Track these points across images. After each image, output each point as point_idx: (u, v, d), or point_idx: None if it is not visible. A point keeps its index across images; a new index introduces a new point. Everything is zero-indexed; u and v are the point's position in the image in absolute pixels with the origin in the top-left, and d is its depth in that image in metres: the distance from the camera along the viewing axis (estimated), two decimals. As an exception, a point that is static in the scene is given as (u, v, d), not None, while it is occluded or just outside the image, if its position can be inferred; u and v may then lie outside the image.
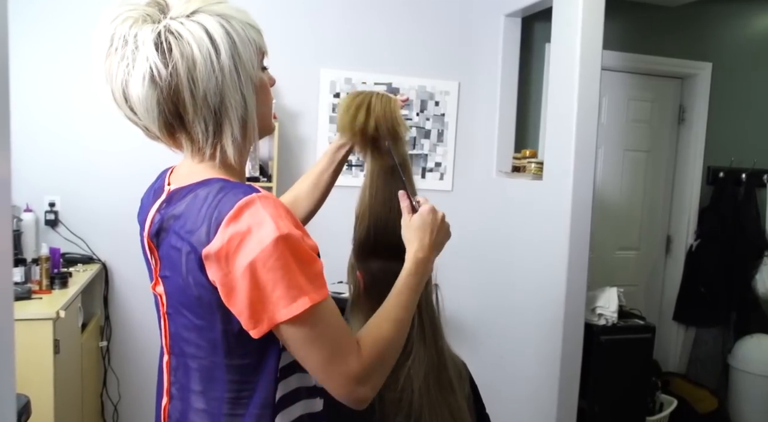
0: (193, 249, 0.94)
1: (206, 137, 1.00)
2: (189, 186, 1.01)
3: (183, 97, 0.96)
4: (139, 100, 0.96)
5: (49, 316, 2.34)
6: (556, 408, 3.02)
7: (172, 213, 0.99)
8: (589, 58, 2.91)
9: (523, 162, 3.52)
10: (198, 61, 0.94)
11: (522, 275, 3.36)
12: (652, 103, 4.25)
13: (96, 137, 3.24)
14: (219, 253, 0.91)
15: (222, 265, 0.91)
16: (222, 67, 0.96)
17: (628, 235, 4.30)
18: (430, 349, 1.33)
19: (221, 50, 0.96)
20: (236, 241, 0.90)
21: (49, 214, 3.16)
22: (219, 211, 0.92)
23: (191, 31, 0.94)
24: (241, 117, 1.00)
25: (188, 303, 1.00)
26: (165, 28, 0.94)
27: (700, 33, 4.22)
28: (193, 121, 0.98)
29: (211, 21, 0.96)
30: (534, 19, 3.81)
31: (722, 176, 4.24)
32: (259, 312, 0.92)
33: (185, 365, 1.06)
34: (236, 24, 0.99)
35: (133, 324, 3.35)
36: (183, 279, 0.97)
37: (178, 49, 0.94)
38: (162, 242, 1.00)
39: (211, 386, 1.03)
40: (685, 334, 4.37)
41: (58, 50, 3.16)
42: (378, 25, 3.63)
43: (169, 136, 1.03)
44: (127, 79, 0.95)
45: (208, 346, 1.01)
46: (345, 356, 0.98)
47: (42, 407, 2.29)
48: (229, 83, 0.97)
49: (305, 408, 1.09)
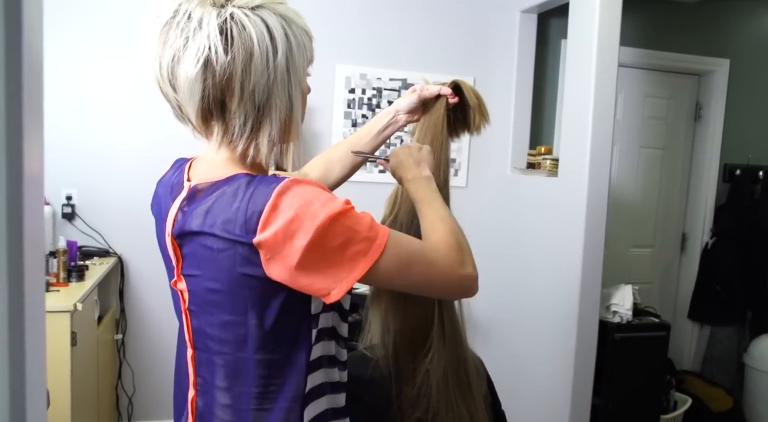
0: (230, 245, 0.94)
1: (243, 131, 0.99)
2: (214, 183, 1.00)
3: (233, 87, 0.95)
4: (186, 79, 0.95)
5: (66, 309, 2.36)
6: (569, 406, 3.01)
7: (200, 212, 0.97)
8: (606, 55, 2.90)
9: (538, 158, 3.51)
10: (255, 55, 0.94)
11: (536, 272, 3.35)
12: (669, 100, 4.22)
13: (113, 131, 3.26)
14: (270, 242, 0.91)
15: (277, 253, 0.92)
16: (276, 67, 0.96)
17: (643, 233, 4.27)
18: (450, 346, 1.33)
19: (279, 50, 0.96)
20: (288, 228, 0.91)
21: (66, 208, 3.18)
22: (255, 204, 0.92)
23: (254, 24, 0.95)
24: (283, 119, 1.01)
25: (219, 301, 1.00)
26: (230, 16, 0.94)
27: (718, 29, 4.19)
28: (234, 112, 0.97)
29: (274, 20, 0.97)
30: (550, 15, 3.79)
31: (739, 174, 4.20)
32: (339, 274, 0.94)
33: (210, 360, 1.06)
34: (295, 28, 1.00)
35: (148, 317, 3.37)
36: (216, 276, 0.97)
37: (240, 39, 0.94)
38: (188, 241, 1.00)
39: (238, 381, 1.03)
40: (700, 333, 4.34)
41: (75, 44, 3.18)
42: (393, 21, 3.62)
43: (202, 121, 1.01)
44: (180, 55, 0.94)
45: (236, 342, 1.01)
46: (435, 251, 1.06)
47: (59, 398, 2.31)
48: (279, 83, 0.98)
49: (330, 403, 1.10)
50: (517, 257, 3.55)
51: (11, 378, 0.41)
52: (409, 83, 3.63)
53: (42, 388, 0.47)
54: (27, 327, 0.42)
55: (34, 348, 0.43)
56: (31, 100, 0.41)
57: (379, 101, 3.61)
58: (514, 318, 3.58)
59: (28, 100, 0.41)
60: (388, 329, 1.37)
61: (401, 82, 3.62)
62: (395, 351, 1.34)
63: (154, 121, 3.21)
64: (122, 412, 3.39)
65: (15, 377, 0.42)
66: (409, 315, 1.34)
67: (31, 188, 0.42)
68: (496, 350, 3.65)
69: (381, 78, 3.60)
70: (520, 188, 3.57)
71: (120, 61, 3.23)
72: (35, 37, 0.42)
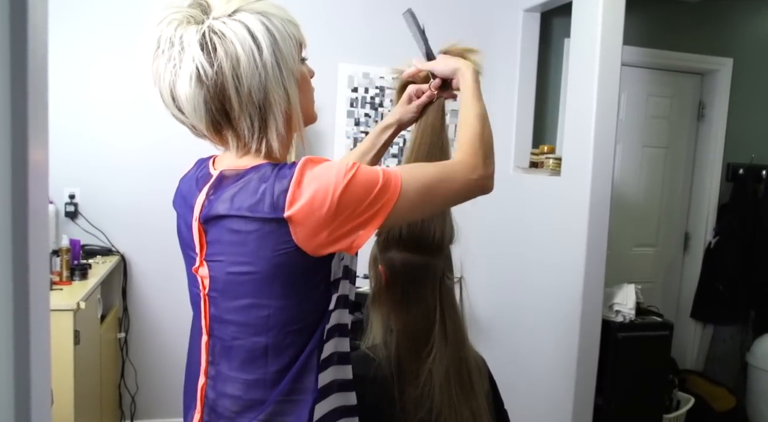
0: (259, 224, 0.98)
1: (252, 132, 1.04)
2: (240, 172, 1.05)
3: (229, 95, 1.00)
4: (186, 100, 1.01)
5: (69, 307, 2.36)
6: (572, 405, 3.01)
7: (227, 197, 1.02)
8: (609, 54, 2.89)
9: (540, 158, 3.51)
10: (242, 59, 0.98)
11: (539, 271, 3.35)
12: (672, 99, 4.21)
13: (116, 130, 3.26)
14: (300, 214, 0.96)
15: (308, 221, 0.97)
16: (265, 64, 1.00)
17: (646, 232, 4.27)
18: (452, 346, 1.32)
19: (263, 47, 0.99)
20: (314, 199, 0.96)
21: (69, 206, 3.19)
22: (280, 184, 0.98)
23: (234, 30, 0.98)
24: (284, 111, 1.05)
25: (243, 283, 1.03)
26: (209, 29, 0.98)
27: (721, 28, 4.18)
28: (239, 117, 1.02)
29: (252, 19, 1.00)
30: (553, 14, 3.78)
31: (742, 173, 4.19)
32: (364, 224, 1.00)
33: (224, 347, 1.09)
34: (276, 21, 1.02)
35: (150, 316, 3.38)
36: (243, 259, 1.01)
37: (222, 48, 0.98)
38: (213, 226, 1.04)
39: (250, 370, 1.06)
40: (703, 332, 4.34)
41: (77, 42, 3.18)
42: (396, 20, 3.59)
43: (215, 134, 1.07)
44: (174, 79, 1.00)
45: (256, 326, 1.05)
46: (450, 168, 1.15)
47: (62, 397, 2.32)
48: (272, 79, 1.01)
49: (339, 401, 1.12)
50: (520, 256, 3.55)
51: (16, 376, 0.42)
52: (411, 82, 3.63)
53: (46, 386, 0.47)
54: (32, 327, 0.42)
55: (38, 346, 0.44)
56: (36, 100, 0.41)
57: (382, 100, 3.61)
58: (516, 317, 3.58)
59: (34, 100, 0.41)
60: (390, 330, 1.36)
61: (404, 81, 3.62)
62: (398, 352, 1.34)
63: (156, 119, 3.21)
64: (125, 411, 3.40)
65: (20, 375, 0.42)
66: (411, 315, 1.34)
67: (35, 187, 0.42)
68: (498, 349, 3.64)
69: (384, 77, 3.60)
70: (523, 187, 3.57)
71: (122, 59, 3.23)
72: (40, 37, 0.42)
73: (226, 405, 1.08)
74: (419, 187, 1.06)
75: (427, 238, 1.29)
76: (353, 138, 3.59)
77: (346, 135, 3.57)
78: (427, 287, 1.33)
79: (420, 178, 1.07)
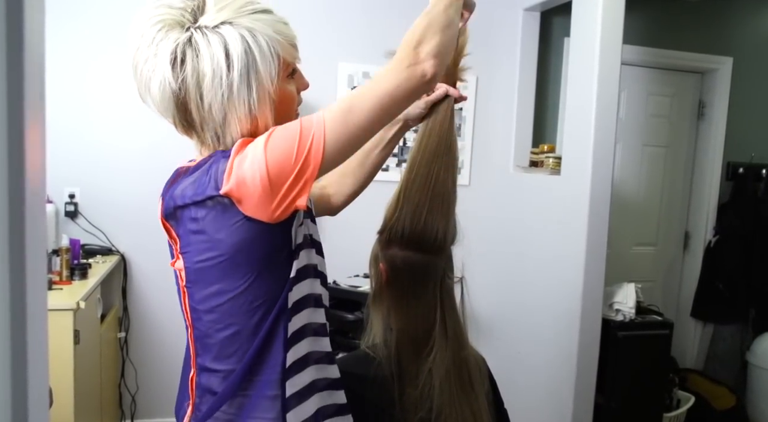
0: (211, 205, 1.01)
1: (215, 141, 1.08)
2: (197, 163, 1.08)
3: (190, 109, 1.05)
4: (155, 102, 1.06)
5: (69, 307, 2.36)
6: (572, 404, 3.01)
7: (181, 188, 1.05)
8: (609, 53, 2.89)
9: (540, 157, 3.51)
10: (207, 76, 1.01)
11: (539, 270, 3.35)
12: (672, 98, 4.21)
13: (116, 129, 3.26)
14: (238, 183, 0.98)
15: (246, 189, 0.98)
16: (231, 83, 1.02)
17: (646, 231, 4.27)
18: (452, 346, 1.32)
19: (234, 66, 1.01)
20: (249, 164, 0.98)
21: (69, 206, 3.19)
22: (218, 164, 1.01)
23: (210, 43, 1.01)
24: (243, 130, 1.06)
25: (206, 270, 1.05)
26: (185, 40, 1.01)
27: (721, 27, 4.18)
28: (201, 128, 1.07)
29: (234, 35, 1.01)
30: (553, 14, 3.78)
31: (742, 172, 4.19)
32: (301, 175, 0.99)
33: (207, 335, 1.10)
34: (261, 38, 1.03)
35: (151, 315, 3.38)
36: (204, 246, 1.04)
37: (191, 64, 1.01)
38: (176, 220, 1.08)
39: (231, 350, 1.07)
40: (703, 331, 4.34)
41: (76, 41, 3.18)
42: (396, 19, 3.62)
43: (185, 133, 1.12)
44: (148, 80, 1.04)
45: (224, 314, 1.06)
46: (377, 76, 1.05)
47: (62, 396, 2.32)
48: (236, 99, 1.03)
49: (318, 374, 1.13)
50: (520, 255, 3.55)
51: (13, 376, 0.41)
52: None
53: (44, 387, 0.47)
54: (29, 326, 0.42)
55: (36, 346, 0.44)
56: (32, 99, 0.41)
57: (382, 99, 3.61)
58: (516, 316, 3.58)
59: (30, 100, 0.41)
60: (390, 329, 1.36)
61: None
62: (398, 352, 1.33)
63: (156, 118, 3.19)
64: (125, 410, 3.40)
65: (17, 375, 0.42)
66: (411, 314, 1.33)
67: (32, 187, 0.42)
68: (498, 348, 3.64)
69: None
70: (523, 186, 3.57)
71: (122, 58, 3.22)
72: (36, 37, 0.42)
73: (209, 397, 1.10)
74: (344, 112, 1.02)
75: (430, 237, 1.29)
76: (353, 137, 3.58)
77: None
78: (428, 286, 1.33)
79: (344, 104, 1.03)
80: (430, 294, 1.33)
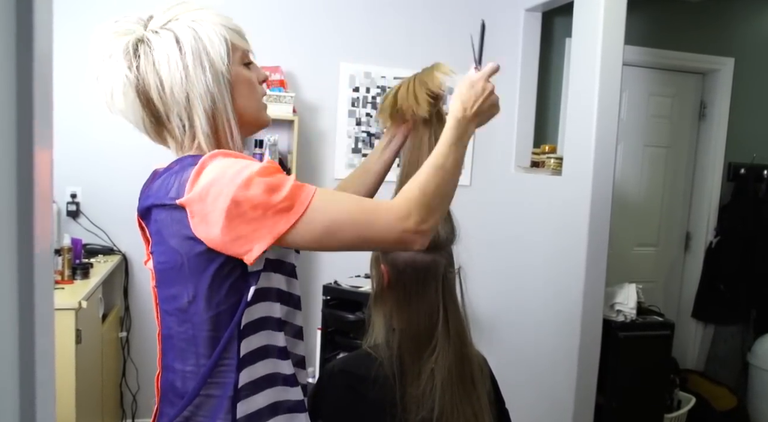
0: (170, 211, 1.01)
1: (182, 132, 1.09)
2: (169, 166, 1.08)
3: (152, 96, 1.06)
4: (122, 107, 1.09)
5: (71, 306, 2.37)
6: (573, 404, 3.01)
7: (154, 188, 1.07)
8: (611, 53, 2.89)
9: (542, 157, 3.51)
10: (162, 61, 1.04)
11: (540, 271, 3.35)
12: (673, 99, 4.21)
13: (117, 129, 3.23)
14: (194, 199, 0.97)
15: (201, 210, 0.97)
16: (186, 65, 1.04)
17: (648, 232, 4.27)
18: (454, 345, 1.32)
19: (186, 49, 1.04)
20: (207, 185, 0.97)
21: (71, 205, 3.19)
22: (184, 171, 1.01)
23: (162, 36, 1.05)
24: (207, 110, 1.07)
25: (165, 271, 1.06)
26: (137, 39, 1.06)
27: (723, 28, 4.18)
28: (168, 117, 1.08)
29: (182, 26, 1.06)
30: (554, 14, 3.78)
31: (743, 173, 4.19)
32: (258, 232, 0.97)
33: (170, 336, 1.11)
34: (207, 26, 1.07)
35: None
36: (164, 246, 1.04)
37: (144, 56, 1.05)
38: (147, 218, 1.08)
39: (184, 360, 1.08)
40: (704, 331, 4.34)
41: (78, 40, 3.18)
42: (397, 19, 3.62)
43: (157, 136, 1.14)
44: (111, 87, 1.08)
45: (180, 317, 1.07)
46: (373, 211, 1.04)
47: (64, 396, 2.32)
48: (193, 78, 1.05)
49: (276, 396, 1.11)
50: (521, 256, 3.55)
51: (21, 375, 0.42)
52: (413, 82, 3.63)
53: (51, 385, 0.47)
54: (37, 326, 0.42)
55: (43, 345, 0.44)
56: (42, 100, 0.42)
57: (383, 100, 3.61)
58: (517, 316, 3.58)
59: (40, 101, 0.41)
60: (393, 329, 1.36)
61: (405, 80, 3.62)
62: (400, 352, 1.34)
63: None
64: (126, 410, 3.40)
65: (25, 374, 0.42)
66: (413, 314, 1.34)
67: (40, 188, 0.42)
68: (499, 348, 3.65)
69: (385, 76, 3.60)
70: (524, 187, 3.57)
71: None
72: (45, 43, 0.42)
73: (170, 397, 1.10)
74: (327, 219, 1.00)
75: (433, 239, 1.29)
76: (354, 137, 3.59)
77: (348, 134, 3.57)
78: (430, 286, 1.33)
79: (333, 209, 1.01)
80: (432, 293, 1.33)
